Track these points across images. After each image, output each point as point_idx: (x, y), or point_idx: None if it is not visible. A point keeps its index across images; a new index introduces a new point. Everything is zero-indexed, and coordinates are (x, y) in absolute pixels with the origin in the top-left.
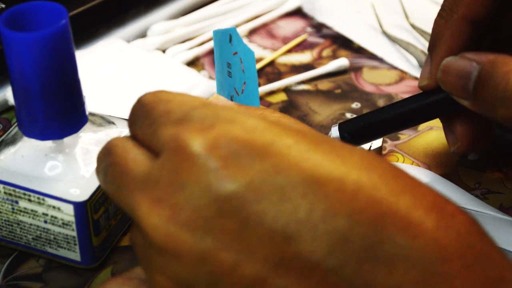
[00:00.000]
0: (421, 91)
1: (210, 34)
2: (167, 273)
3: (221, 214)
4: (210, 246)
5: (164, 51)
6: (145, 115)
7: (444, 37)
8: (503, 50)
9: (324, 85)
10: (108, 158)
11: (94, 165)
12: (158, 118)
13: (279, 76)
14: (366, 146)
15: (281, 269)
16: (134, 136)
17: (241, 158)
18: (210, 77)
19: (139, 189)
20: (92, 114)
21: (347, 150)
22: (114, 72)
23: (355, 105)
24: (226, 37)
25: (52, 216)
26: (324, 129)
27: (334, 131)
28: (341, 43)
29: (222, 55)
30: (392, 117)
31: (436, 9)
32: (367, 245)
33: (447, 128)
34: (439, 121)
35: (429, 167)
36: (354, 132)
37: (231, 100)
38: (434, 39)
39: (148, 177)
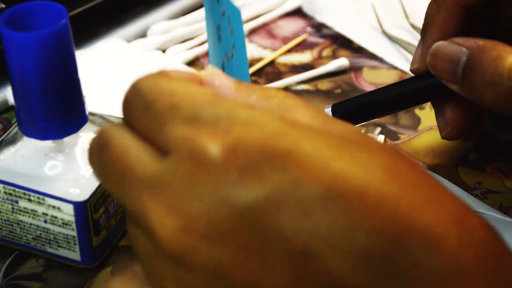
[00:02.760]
0: (413, 75)
1: None
2: (180, 283)
3: (239, 227)
4: (226, 261)
5: (164, 51)
6: (145, 106)
7: (436, 21)
8: (495, 39)
9: (324, 85)
10: (105, 152)
11: None
12: (163, 112)
13: (279, 76)
14: None
15: (300, 287)
16: (129, 124)
17: (260, 168)
18: None
19: (147, 191)
20: (92, 114)
21: (368, 154)
22: (114, 72)
23: None
24: None
25: (52, 216)
26: None
27: (327, 112)
28: (341, 43)
29: (212, 18)
30: (384, 100)
31: None
32: (388, 262)
33: (438, 113)
34: None
35: (429, 167)
36: (347, 113)
37: (223, 67)
38: (426, 24)
39: (157, 178)
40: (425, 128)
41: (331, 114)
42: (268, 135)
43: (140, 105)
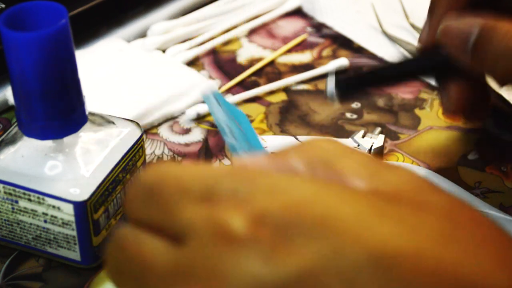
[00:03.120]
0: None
1: (210, 34)
2: None
3: None
4: None
5: (164, 51)
6: (151, 198)
7: None
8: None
9: (324, 85)
10: (119, 254)
11: (94, 164)
12: (172, 198)
13: (279, 76)
14: (367, 147)
15: None
16: (138, 222)
17: (293, 238)
18: (210, 77)
19: (169, 284)
20: (92, 114)
21: (420, 214)
22: (114, 72)
23: (355, 105)
24: (214, 100)
25: (52, 216)
26: (325, 128)
27: (331, 80)
28: (341, 43)
29: (219, 117)
30: (389, 71)
31: None
32: None
33: (442, 91)
34: (439, 121)
35: (429, 166)
36: (349, 82)
37: None
38: (434, 1)
39: (178, 268)
40: (425, 128)
41: (334, 86)
42: (297, 201)
43: (146, 198)
